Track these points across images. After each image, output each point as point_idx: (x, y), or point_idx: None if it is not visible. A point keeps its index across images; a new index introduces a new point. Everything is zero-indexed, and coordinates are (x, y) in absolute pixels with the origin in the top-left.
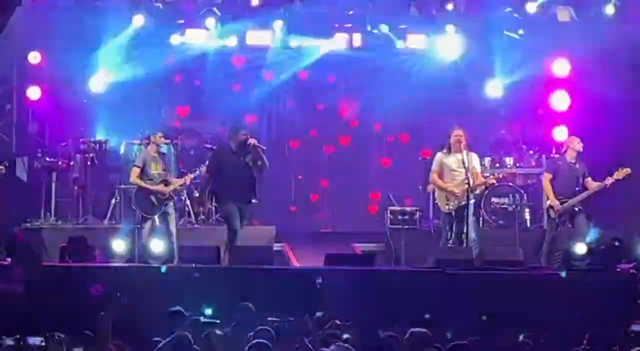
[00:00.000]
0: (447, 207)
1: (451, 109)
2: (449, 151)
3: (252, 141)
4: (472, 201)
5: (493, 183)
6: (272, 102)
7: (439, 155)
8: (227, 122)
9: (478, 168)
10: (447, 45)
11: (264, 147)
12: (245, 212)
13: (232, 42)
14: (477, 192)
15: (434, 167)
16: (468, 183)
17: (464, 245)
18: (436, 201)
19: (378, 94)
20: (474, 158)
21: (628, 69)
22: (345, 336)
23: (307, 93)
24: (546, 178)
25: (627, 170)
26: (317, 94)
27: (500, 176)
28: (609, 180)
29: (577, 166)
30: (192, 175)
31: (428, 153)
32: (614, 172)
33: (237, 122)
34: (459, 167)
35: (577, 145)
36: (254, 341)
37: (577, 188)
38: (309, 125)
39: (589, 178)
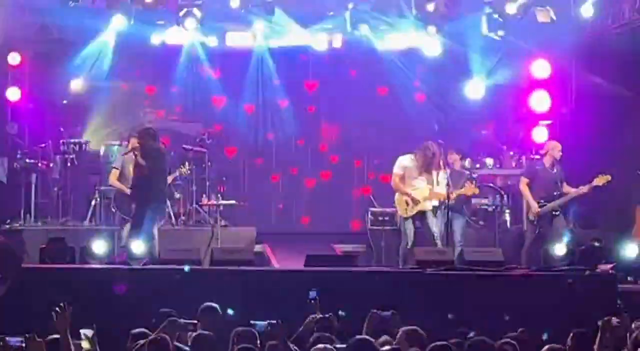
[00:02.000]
0: (406, 211)
1: (432, 111)
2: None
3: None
4: (434, 205)
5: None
6: (250, 135)
7: (405, 159)
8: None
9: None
10: (427, 46)
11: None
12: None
13: (212, 42)
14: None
15: (397, 170)
16: (448, 198)
17: (439, 245)
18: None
19: (359, 127)
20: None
21: (608, 69)
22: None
23: (287, 126)
24: (523, 182)
25: (607, 177)
26: (297, 126)
27: (454, 195)
28: (589, 187)
29: (554, 171)
30: (171, 176)
31: None
32: (594, 174)
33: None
34: (420, 175)
35: (557, 153)
36: (240, 346)
37: (555, 192)
38: (289, 160)
39: (565, 184)
